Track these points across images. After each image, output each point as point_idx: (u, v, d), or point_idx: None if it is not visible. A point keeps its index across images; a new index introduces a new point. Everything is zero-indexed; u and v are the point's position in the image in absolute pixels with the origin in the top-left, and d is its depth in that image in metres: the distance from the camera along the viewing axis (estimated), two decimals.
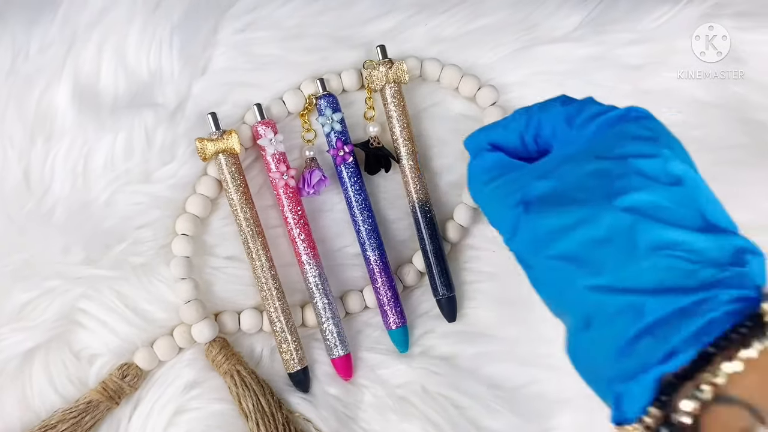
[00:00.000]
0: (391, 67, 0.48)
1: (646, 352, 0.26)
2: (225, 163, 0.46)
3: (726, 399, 0.24)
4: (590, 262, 0.28)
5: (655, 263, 0.27)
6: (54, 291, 0.46)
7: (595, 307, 0.28)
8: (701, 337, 0.25)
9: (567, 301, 0.29)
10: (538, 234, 0.29)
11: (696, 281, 0.26)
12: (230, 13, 0.49)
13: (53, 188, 0.46)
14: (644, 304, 0.26)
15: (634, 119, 0.31)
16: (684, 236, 0.27)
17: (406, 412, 0.49)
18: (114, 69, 0.47)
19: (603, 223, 0.28)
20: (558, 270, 0.29)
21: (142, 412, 0.47)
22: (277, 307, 0.47)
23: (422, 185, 0.49)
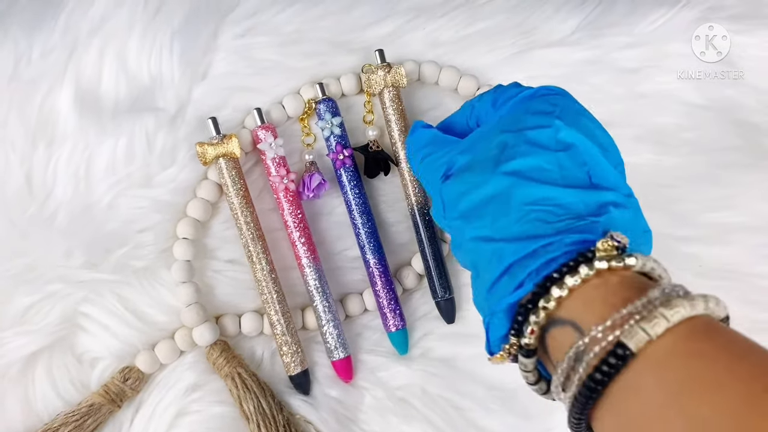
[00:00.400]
0: (390, 71, 0.49)
1: (503, 289, 0.30)
2: (225, 167, 0.47)
3: (559, 321, 0.28)
4: (476, 218, 0.32)
5: (523, 216, 0.31)
6: (56, 295, 0.46)
7: (476, 256, 0.32)
8: (541, 272, 0.29)
9: (464, 254, 0.34)
10: (447, 200, 0.35)
11: (552, 229, 0.30)
12: (230, 18, 0.49)
13: (55, 192, 0.46)
14: (504, 250, 0.31)
15: (541, 96, 0.36)
16: (554, 193, 0.31)
17: (406, 413, 0.49)
18: (115, 74, 0.47)
19: (489, 186, 0.32)
20: (457, 228, 0.34)
21: (144, 415, 0.47)
22: (278, 310, 0.47)
23: (421, 188, 0.50)
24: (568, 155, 0.32)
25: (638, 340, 0.24)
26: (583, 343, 0.26)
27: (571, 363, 0.26)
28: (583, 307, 0.28)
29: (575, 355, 0.26)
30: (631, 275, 0.28)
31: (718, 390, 0.22)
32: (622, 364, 0.24)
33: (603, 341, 0.25)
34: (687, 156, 0.53)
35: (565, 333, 0.28)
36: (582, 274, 0.28)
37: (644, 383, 0.24)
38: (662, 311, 0.25)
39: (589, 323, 0.26)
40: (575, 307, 0.28)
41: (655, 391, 0.23)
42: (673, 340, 0.24)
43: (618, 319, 0.26)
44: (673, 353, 0.24)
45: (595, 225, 0.30)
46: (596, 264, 0.28)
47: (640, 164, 0.53)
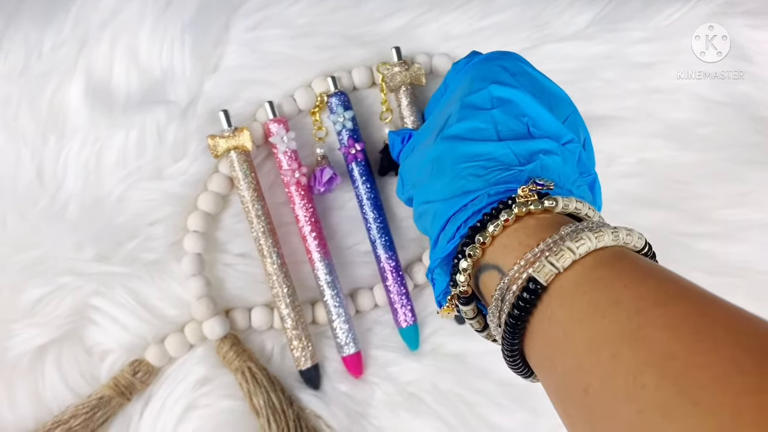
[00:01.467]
0: (409, 69, 0.49)
1: (440, 245, 0.32)
2: (237, 160, 0.46)
3: (485, 267, 0.30)
4: (421, 186, 0.35)
5: (457, 175, 0.33)
6: (66, 287, 0.46)
7: (421, 220, 0.35)
8: (468, 223, 0.31)
9: (418, 222, 0.36)
10: (404, 175, 0.38)
11: (482, 183, 0.32)
12: (241, 11, 0.49)
13: (66, 185, 0.46)
14: (438, 209, 0.33)
15: (491, 59, 0.37)
16: (486, 148, 0.33)
17: (417, 409, 0.49)
18: (126, 67, 0.47)
19: (430, 154, 0.35)
20: (410, 197, 0.37)
21: (154, 408, 0.47)
22: (288, 304, 0.47)
23: None
24: (503, 111, 0.34)
25: (546, 273, 0.26)
26: (504, 282, 0.28)
27: (498, 303, 0.28)
28: (503, 250, 0.29)
29: (500, 296, 0.28)
30: (552, 216, 0.30)
31: (615, 306, 0.23)
32: (534, 298, 0.26)
33: (519, 279, 0.27)
34: (702, 152, 0.53)
35: (492, 277, 0.29)
36: (500, 220, 0.29)
37: (554, 312, 0.26)
38: (569, 245, 0.26)
39: (509, 265, 0.28)
40: (497, 251, 0.30)
41: (563, 317, 0.25)
42: (580, 271, 0.26)
43: (531, 258, 0.27)
44: (579, 283, 0.25)
45: (520, 173, 0.32)
46: (514, 209, 0.30)
47: (655, 160, 0.52)
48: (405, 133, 0.43)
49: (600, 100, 0.52)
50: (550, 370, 0.26)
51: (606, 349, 0.22)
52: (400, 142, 0.43)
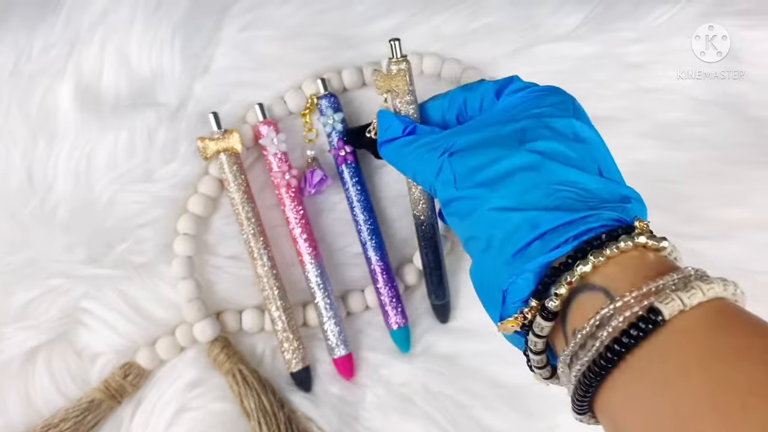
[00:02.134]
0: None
1: (533, 251, 0.30)
2: (226, 162, 0.46)
3: (590, 286, 0.28)
4: (499, 188, 0.32)
5: (553, 193, 0.31)
6: (57, 290, 0.46)
7: (497, 224, 0.32)
8: (579, 238, 0.30)
9: (475, 225, 0.33)
10: (459, 171, 0.34)
11: (585, 206, 0.31)
12: (231, 12, 0.49)
13: (56, 187, 0.46)
14: (538, 218, 0.31)
15: (553, 92, 0.37)
16: (580, 177, 0.32)
17: (408, 411, 0.49)
18: (116, 69, 0.47)
19: (514, 160, 0.33)
20: (472, 197, 0.33)
21: (144, 411, 0.47)
22: (279, 307, 0.47)
23: (426, 197, 0.46)
24: (583, 148, 0.33)
25: (672, 308, 0.25)
26: (611, 308, 0.26)
27: (593, 329, 0.27)
28: (617, 274, 0.28)
29: (600, 321, 0.26)
30: (663, 256, 0.29)
31: (740, 356, 0.23)
32: (651, 329, 0.25)
33: (635, 307, 0.26)
34: (694, 152, 0.53)
35: (594, 298, 0.28)
36: (621, 245, 0.28)
37: (671, 349, 0.24)
38: (699, 284, 0.25)
39: (621, 290, 0.27)
40: (610, 274, 0.28)
41: (680, 356, 0.24)
42: (702, 312, 0.25)
43: (653, 288, 0.26)
44: (699, 324, 0.25)
45: (626, 210, 0.31)
46: (637, 238, 0.29)
47: (647, 160, 0.52)
48: (408, 123, 0.41)
49: (591, 101, 0.52)
50: (644, 413, 0.24)
51: (735, 399, 0.21)
52: (401, 131, 0.40)
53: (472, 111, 0.40)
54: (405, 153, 0.39)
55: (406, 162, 0.39)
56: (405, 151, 0.39)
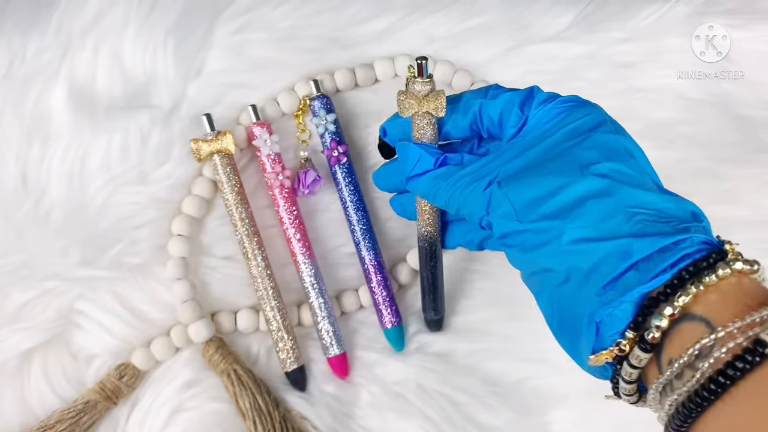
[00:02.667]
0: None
1: (629, 281, 0.29)
2: (220, 163, 0.47)
3: (690, 316, 0.27)
4: (573, 219, 0.31)
5: (631, 218, 0.30)
6: (51, 292, 0.46)
7: (579, 257, 0.30)
8: (677, 265, 0.28)
9: (549, 258, 0.31)
10: (518, 203, 0.32)
11: (672, 229, 0.30)
12: (224, 15, 0.49)
13: (50, 190, 0.46)
14: (631, 245, 0.29)
15: (582, 104, 0.36)
16: (650, 198, 0.31)
17: (403, 409, 0.49)
18: (109, 71, 0.47)
19: (580, 187, 0.31)
20: (542, 230, 0.31)
21: (140, 412, 0.47)
22: (273, 307, 0.47)
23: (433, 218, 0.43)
24: (636, 163, 0.32)
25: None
26: (712, 339, 0.26)
27: (691, 359, 0.26)
28: (718, 303, 0.27)
29: (699, 351, 0.26)
30: (758, 281, 0.28)
31: None
32: (759, 362, 0.24)
33: (739, 338, 0.25)
34: (684, 150, 0.53)
35: (693, 328, 0.27)
36: (720, 272, 0.27)
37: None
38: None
39: (723, 320, 0.26)
40: (709, 302, 0.27)
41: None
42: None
43: (757, 319, 0.25)
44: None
45: (706, 229, 0.31)
46: (734, 264, 0.28)
47: None
48: (436, 153, 0.38)
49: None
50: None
51: None
52: (433, 164, 0.38)
53: (489, 123, 0.38)
54: (442, 187, 0.37)
55: (443, 195, 0.37)
56: (441, 185, 0.37)
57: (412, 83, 0.38)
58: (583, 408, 0.50)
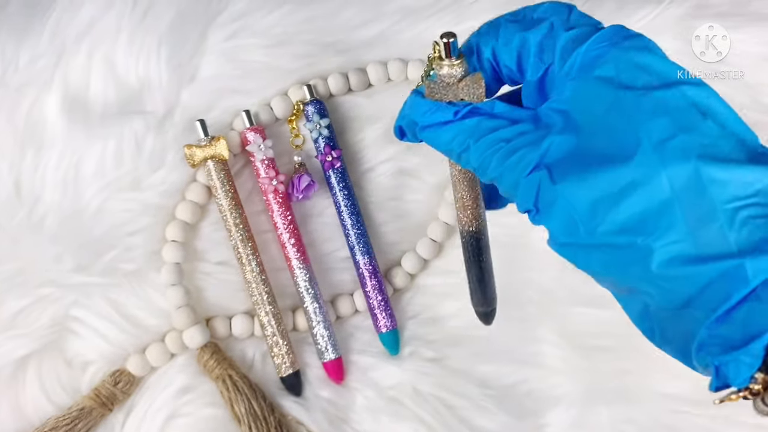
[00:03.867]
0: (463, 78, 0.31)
1: (754, 317, 0.23)
2: (214, 169, 0.47)
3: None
4: (660, 233, 0.24)
5: (733, 216, 0.24)
6: (46, 299, 0.46)
7: (677, 283, 0.24)
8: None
9: (635, 280, 0.25)
10: (579, 209, 0.25)
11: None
12: (218, 21, 0.49)
13: (44, 197, 0.46)
14: (744, 268, 0.23)
15: (633, 37, 0.28)
16: (746, 174, 0.24)
17: (398, 413, 0.49)
18: (103, 78, 0.47)
19: (661, 181, 0.24)
20: (620, 248, 0.25)
21: (135, 418, 0.47)
22: (268, 312, 0.47)
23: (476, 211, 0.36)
24: (714, 122, 0.25)
25: None
26: None
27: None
28: None
29: None
30: None
31: None
32: None
33: None
34: None
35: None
36: None
37: None
38: None
39: None
40: None
41: None
42: None
43: None
44: None
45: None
46: None
47: None
48: (460, 107, 0.29)
49: None
50: None
51: None
52: (452, 114, 0.29)
53: (508, 72, 0.30)
54: (470, 146, 0.28)
55: (473, 158, 0.28)
56: (470, 144, 0.28)
57: (438, 67, 0.30)
58: (577, 411, 0.50)
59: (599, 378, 0.50)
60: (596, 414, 0.49)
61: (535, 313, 0.51)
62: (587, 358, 0.50)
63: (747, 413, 0.50)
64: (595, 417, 0.49)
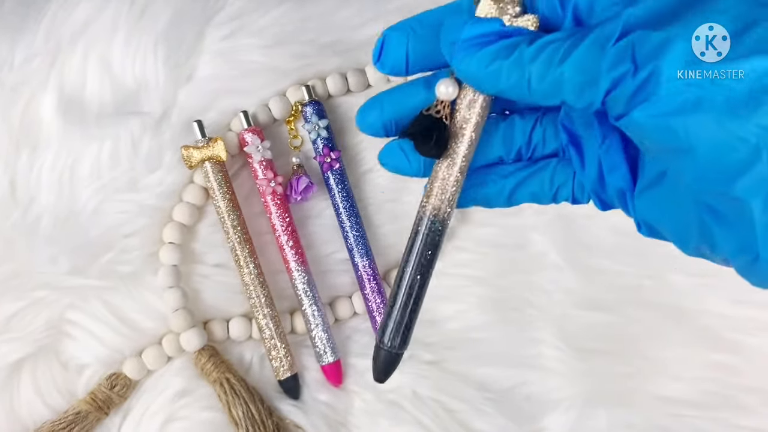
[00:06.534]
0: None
1: None
2: (211, 170, 0.46)
3: None
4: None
5: None
6: (41, 301, 0.46)
7: None
8: None
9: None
10: (740, 86, 0.21)
11: None
12: (215, 21, 0.49)
13: (39, 198, 0.46)
14: None
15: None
16: None
17: (397, 416, 0.49)
18: (99, 78, 0.47)
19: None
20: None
21: (132, 422, 0.46)
22: (266, 314, 0.47)
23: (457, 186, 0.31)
24: None
25: None
26: None
27: None
28: None
29: None
30: None
31: None
32: None
33: None
34: None
35: None
36: None
37: None
38: None
39: None
40: None
41: None
42: None
43: None
44: None
45: None
46: None
47: None
48: (487, 25, 0.25)
49: None
50: None
51: None
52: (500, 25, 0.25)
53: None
54: (505, 66, 0.24)
55: (512, 75, 0.24)
56: (504, 65, 0.24)
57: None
58: (576, 414, 0.50)
59: (598, 381, 0.50)
60: (595, 417, 0.49)
61: (534, 316, 0.51)
62: (586, 362, 0.50)
63: (747, 416, 0.50)
64: (594, 420, 0.49)
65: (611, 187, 0.27)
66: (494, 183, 0.31)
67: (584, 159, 0.28)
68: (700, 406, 0.49)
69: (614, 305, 0.51)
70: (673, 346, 0.50)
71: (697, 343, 0.50)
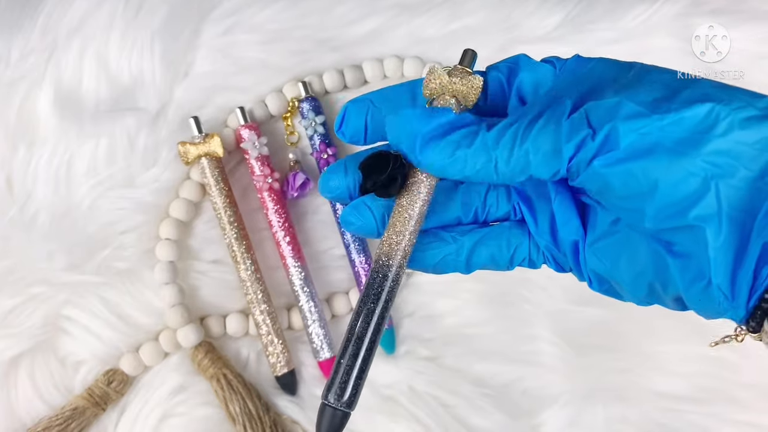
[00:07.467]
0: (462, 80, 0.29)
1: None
2: (208, 166, 0.46)
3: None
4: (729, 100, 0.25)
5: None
6: (38, 297, 0.46)
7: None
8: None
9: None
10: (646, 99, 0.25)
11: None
12: (212, 17, 0.49)
13: (36, 195, 0.46)
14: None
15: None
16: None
17: (394, 412, 0.49)
18: (95, 74, 0.47)
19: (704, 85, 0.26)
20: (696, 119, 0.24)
21: (129, 418, 0.46)
22: (263, 310, 0.47)
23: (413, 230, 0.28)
24: None
25: None
26: None
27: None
28: None
29: None
30: None
31: None
32: None
33: None
34: None
35: None
36: None
37: None
38: None
39: None
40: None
41: None
42: None
43: None
44: None
45: None
46: None
47: None
48: (442, 116, 0.26)
49: None
50: None
51: None
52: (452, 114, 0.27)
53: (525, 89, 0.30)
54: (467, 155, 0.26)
55: (475, 161, 0.26)
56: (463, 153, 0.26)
57: (445, 69, 0.29)
58: (573, 409, 0.50)
59: (594, 377, 0.50)
60: (591, 413, 0.49)
61: (530, 312, 0.51)
62: (583, 357, 0.50)
63: (741, 411, 0.50)
64: (591, 416, 0.49)
65: (565, 241, 0.29)
66: (453, 240, 0.30)
67: (536, 216, 0.30)
68: (695, 401, 0.49)
69: (610, 301, 0.51)
70: (669, 341, 0.50)
71: (693, 338, 0.50)
